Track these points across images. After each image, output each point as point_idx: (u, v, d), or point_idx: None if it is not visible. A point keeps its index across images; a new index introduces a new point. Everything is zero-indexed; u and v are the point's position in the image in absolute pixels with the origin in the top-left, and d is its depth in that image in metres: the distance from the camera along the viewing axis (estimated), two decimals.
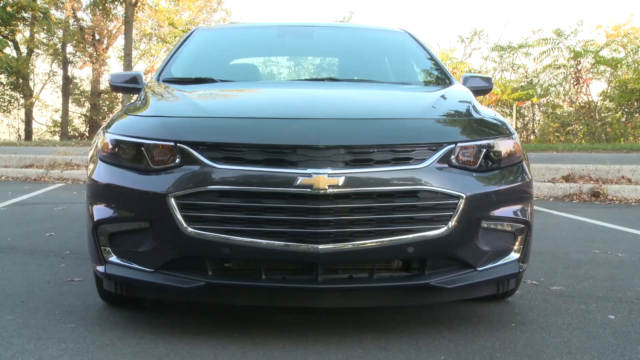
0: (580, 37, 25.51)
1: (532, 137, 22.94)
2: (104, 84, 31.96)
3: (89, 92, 33.12)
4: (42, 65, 37.92)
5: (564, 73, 22.42)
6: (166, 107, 3.35)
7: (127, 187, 2.89)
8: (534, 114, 23.64)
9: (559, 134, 21.80)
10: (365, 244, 2.73)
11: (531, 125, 23.54)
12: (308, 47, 5.06)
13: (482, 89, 4.28)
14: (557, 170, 9.90)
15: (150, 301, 3.46)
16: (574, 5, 52.21)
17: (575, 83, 22.08)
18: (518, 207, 3.07)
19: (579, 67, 21.71)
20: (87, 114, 33.25)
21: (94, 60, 31.53)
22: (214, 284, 2.79)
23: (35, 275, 4.13)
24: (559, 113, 22.89)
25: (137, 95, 3.93)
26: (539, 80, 23.22)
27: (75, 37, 30.61)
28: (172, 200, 2.74)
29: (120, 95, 26.87)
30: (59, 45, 31.85)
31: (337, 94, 3.66)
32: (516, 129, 21.36)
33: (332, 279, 2.81)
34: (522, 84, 22.75)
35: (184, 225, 2.73)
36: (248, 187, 2.70)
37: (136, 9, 23.74)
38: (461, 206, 2.80)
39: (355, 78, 4.48)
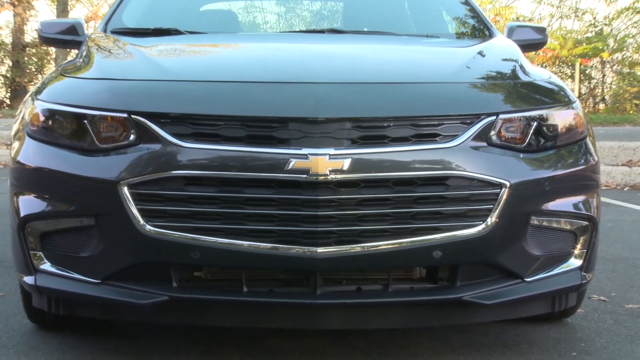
0: None
1: (600, 105, 22.93)
2: (30, 35, 31.84)
3: (10, 45, 33.01)
4: None
5: None
6: (116, 66, 3.37)
7: (64, 172, 2.90)
8: (604, 76, 23.61)
9: (637, 102, 21.77)
10: (378, 246, 2.76)
11: (600, 91, 23.53)
12: None
13: (533, 43, 4.31)
14: (634, 150, 9.92)
15: (94, 322, 3.49)
16: None
17: None
18: (580, 198, 3.10)
19: None
20: (8, 75, 33.13)
21: (16, 2, 31.42)
22: (180, 299, 2.83)
23: None
24: (638, 73, 22.84)
25: (77, 50, 3.96)
26: (611, 30, 23.16)
27: None
28: (125, 190, 2.76)
29: (53, 50, 26.78)
30: None
31: (342, 51, 3.68)
32: (579, 95, 21.35)
33: (335, 293, 2.85)
34: (589, 35, 22.70)
35: (141, 222, 2.75)
36: (225, 173, 2.72)
37: None
38: (504, 197, 2.83)
39: (365, 29, 4.50)
